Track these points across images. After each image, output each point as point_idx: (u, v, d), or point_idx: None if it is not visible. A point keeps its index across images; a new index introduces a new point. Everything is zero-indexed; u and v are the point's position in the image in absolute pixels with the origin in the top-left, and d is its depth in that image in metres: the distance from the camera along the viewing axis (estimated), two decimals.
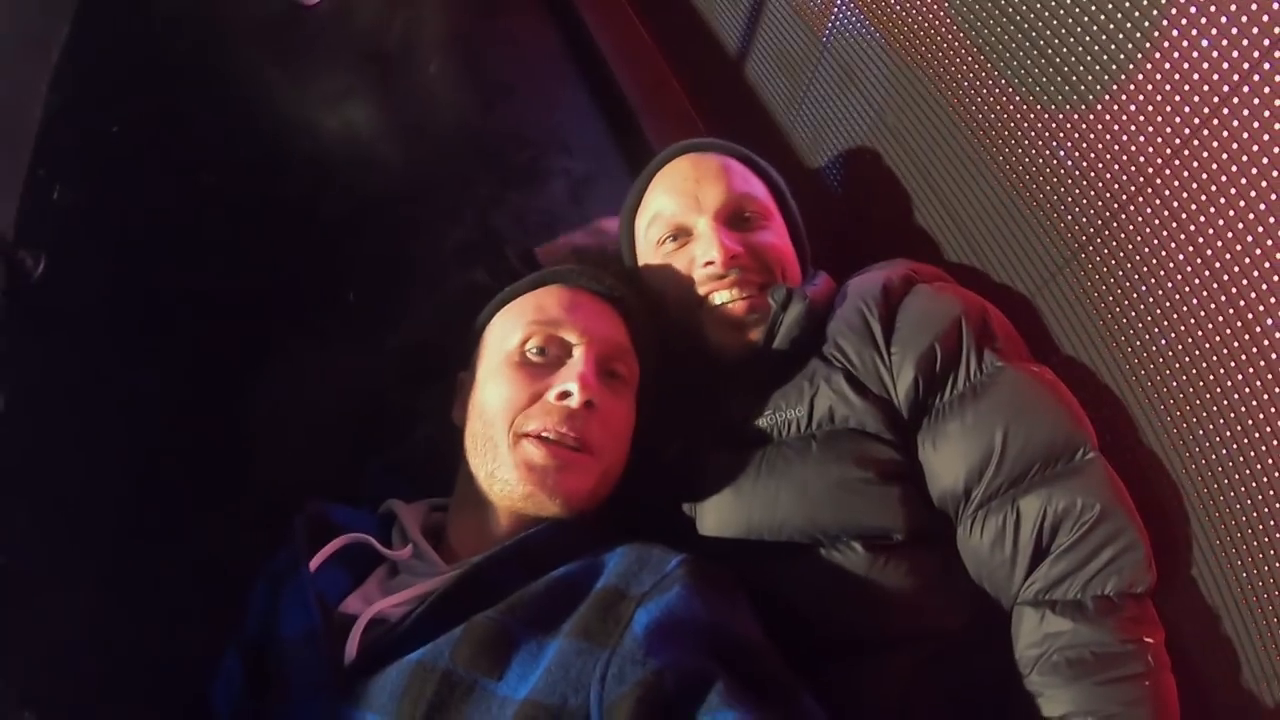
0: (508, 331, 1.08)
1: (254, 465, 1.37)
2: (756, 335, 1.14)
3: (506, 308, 1.13)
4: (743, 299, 1.15)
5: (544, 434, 0.99)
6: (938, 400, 1.04)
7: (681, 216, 1.20)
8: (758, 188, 1.26)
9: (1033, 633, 0.94)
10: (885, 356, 1.06)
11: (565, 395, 0.99)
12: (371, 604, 0.94)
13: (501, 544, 0.96)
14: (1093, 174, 1.06)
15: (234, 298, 1.59)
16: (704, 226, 1.18)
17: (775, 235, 1.23)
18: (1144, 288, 1.02)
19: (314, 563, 0.97)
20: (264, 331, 1.56)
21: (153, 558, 0.97)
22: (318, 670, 0.88)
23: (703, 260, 1.16)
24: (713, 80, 2.02)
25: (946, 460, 1.01)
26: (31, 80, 1.79)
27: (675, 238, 1.21)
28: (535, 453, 0.98)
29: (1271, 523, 0.92)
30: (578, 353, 1.04)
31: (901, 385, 1.04)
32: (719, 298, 1.16)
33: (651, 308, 1.18)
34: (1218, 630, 1.00)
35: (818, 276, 1.22)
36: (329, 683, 0.87)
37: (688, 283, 1.18)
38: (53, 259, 1.59)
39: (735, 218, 1.20)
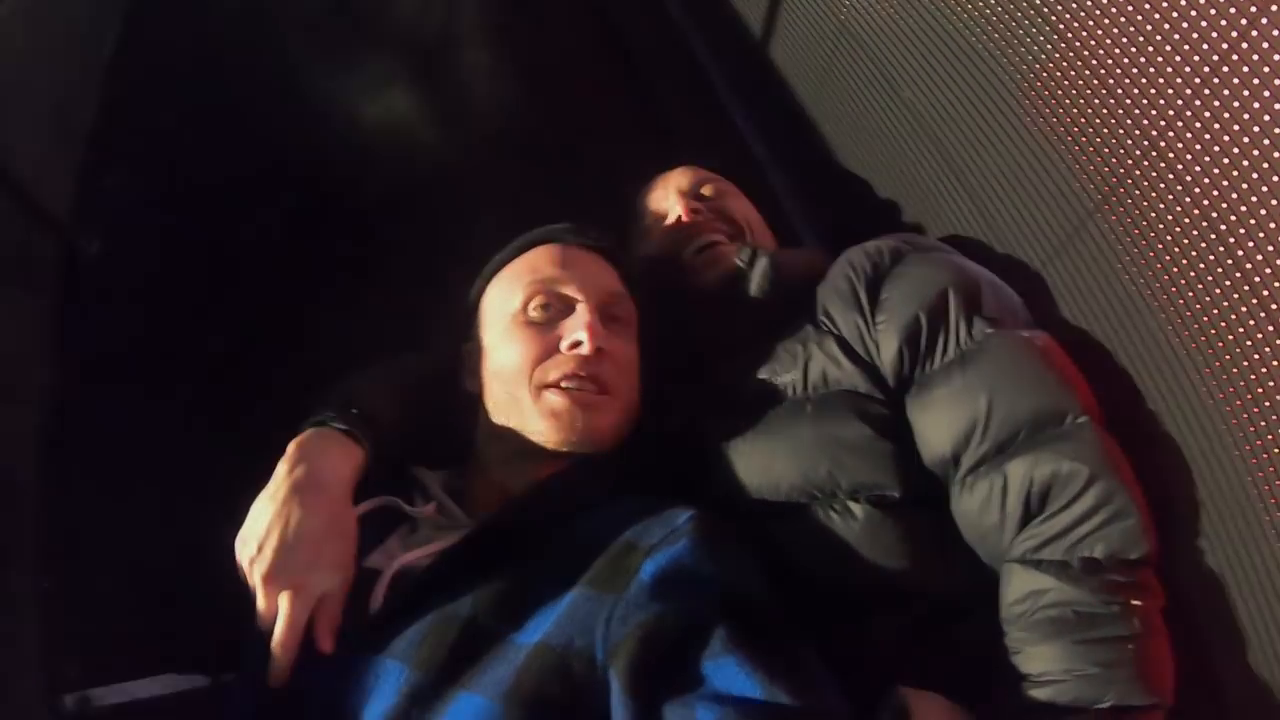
0: (507, 295, 1.12)
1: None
2: (732, 270, 1.24)
3: (500, 275, 1.16)
4: (711, 242, 1.29)
5: (564, 383, 1.04)
6: (927, 368, 1.04)
7: (656, 206, 1.38)
8: (719, 179, 1.43)
9: (1018, 590, 0.94)
10: (870, 325, 1.08)
11: (576, 345, 1.04)
12: (395, 558, 0.98)
13: (515, 495, 1.01)
14: (1099, 140, 1.04)
15: (279, 276, 1.65)
16: (671, 198, 1.36)
17: (736, 202, 1.40)
18: (1151, 254, 1.00)
19: None
20: (307, 306, 1.62)
21: (203, 517, 1.04)
22: (343, 619, 0.92)
23: (671, 220, 1.32)
24: (738, 61, 2.03)
25: (935, 426, 1.02)
26: (87, 75, 1.88)
27: (658, 221, 1.37)
28: (559, 402, 1.03)
29: None
30: (580, 305, 1.08)
31: (886, 354, 1.06)
32: (692, 246, 1.29)
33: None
34: (1225, 603, 0.98)
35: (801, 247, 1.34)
36: (354, 631, 0.91)
37: (670, 247, 1.31)
38: (108, 242, 1.67)
39: (696, 194, 1.37)
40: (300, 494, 0.94)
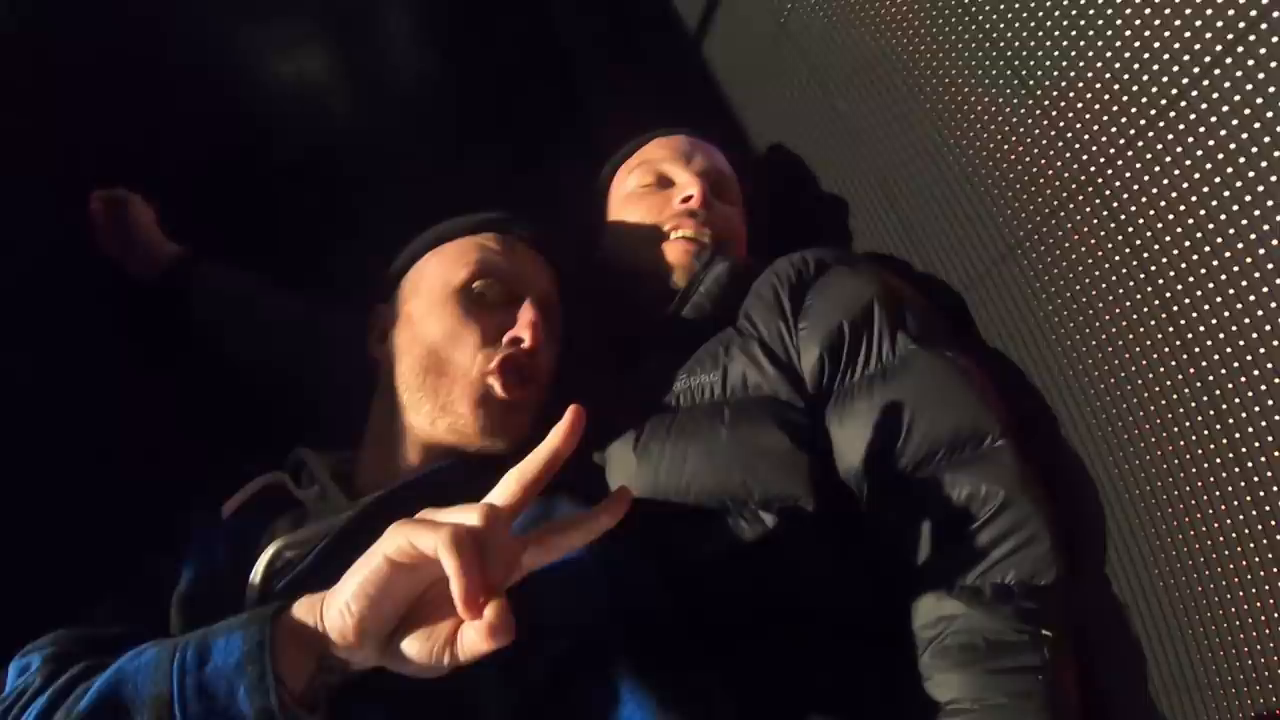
0: (449, 268, 1.08)
1: (184, 409, 1.36)
2: (689, 269, 1.22)
3: (443, 247, 1.13)
4: (701, 239, 1.25)
5: (500, 369, 1.01)
6: (847, 380, 1.04)
7: (669, 167, 1.33)
8: (733, 185, 1.39)
9: (928, 615, 0.94)
10: (793, 330, 1.07)
11: (516, 342, 1.02)
12: (274, 542, 0.93)
13: (407, 478, 0.96)
14: (1035, 170, 1.05)
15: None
16: (688, 176, 1.31)
17: (737, 220, 1.36)
18: (1078, 287, 1.01)
19: (230, 506, 1.00)
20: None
21: (76, 508, 0.96)
22: (219, 608, 0.85)
23: (682, 195, 1.28)
24: (670, 57, 1.99)
25: (852, 440, 1.01)
26: None
27: (657, 184, 1.33)
28: (485, 391, 1.00)
29: (1190, 532, 0.92)
30: (526, 301, 1.06)
31: (806, 361, 1.05)
32: (685, 230, 1.26)
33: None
34: (1125, 631, 1.00)
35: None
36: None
37: (656, 214, 1.28)
38: None
39: (715, 187, 1.33)
40: None
